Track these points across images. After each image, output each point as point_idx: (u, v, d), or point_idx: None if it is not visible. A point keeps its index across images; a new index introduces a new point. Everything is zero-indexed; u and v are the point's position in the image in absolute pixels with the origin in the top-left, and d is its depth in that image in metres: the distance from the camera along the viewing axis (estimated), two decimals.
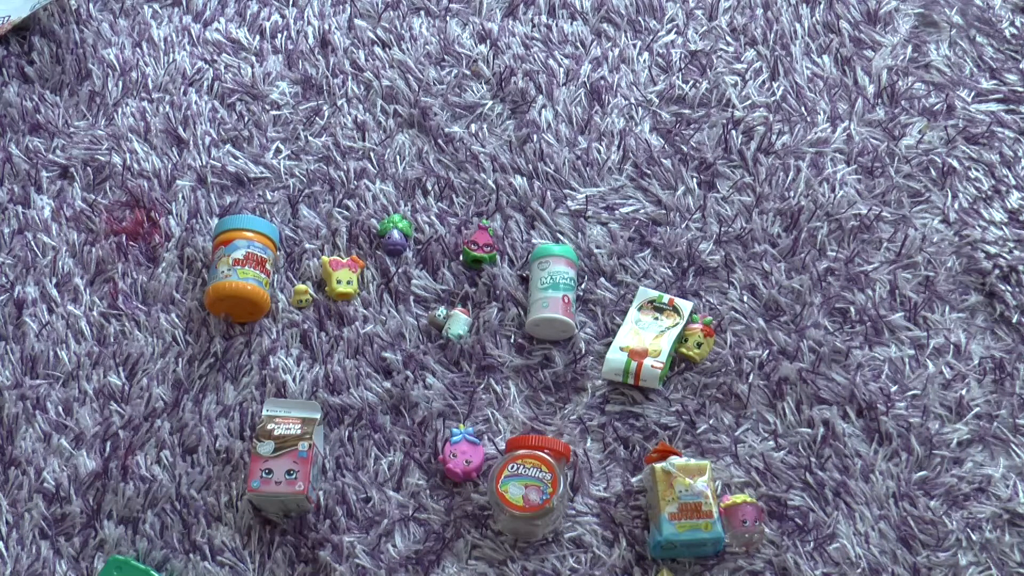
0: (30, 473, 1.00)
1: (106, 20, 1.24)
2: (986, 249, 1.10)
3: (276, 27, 1.23)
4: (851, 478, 1.00)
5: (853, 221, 1.11)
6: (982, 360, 1.05)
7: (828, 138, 1.16)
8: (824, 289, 1.08)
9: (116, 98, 1.19)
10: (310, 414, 0.99)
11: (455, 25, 1.23)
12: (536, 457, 0.96)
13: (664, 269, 1.09)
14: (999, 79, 1.20)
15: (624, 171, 1.15)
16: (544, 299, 1.04)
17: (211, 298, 1.04)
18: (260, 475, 0.95)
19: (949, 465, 1.00)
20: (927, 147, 1.16)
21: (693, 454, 1.01)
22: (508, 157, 1.15)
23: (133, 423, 1.02)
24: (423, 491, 1.00)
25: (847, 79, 1.20)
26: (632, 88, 1.19)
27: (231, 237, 1.05)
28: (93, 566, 0.97)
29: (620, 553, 0.97)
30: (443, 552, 0.97)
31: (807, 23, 1.23)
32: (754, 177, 1.14)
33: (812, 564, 0.96)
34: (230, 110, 1.18)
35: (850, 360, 1.05)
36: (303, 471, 0.95)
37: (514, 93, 1.19)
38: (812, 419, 1.02)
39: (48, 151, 1.15)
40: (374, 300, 1.08)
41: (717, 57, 1.21)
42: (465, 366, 1.05)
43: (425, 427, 1.02)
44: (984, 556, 0.97)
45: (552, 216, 1.12)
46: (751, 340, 1.06)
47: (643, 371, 1.02)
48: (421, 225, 1.11)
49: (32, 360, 1.05)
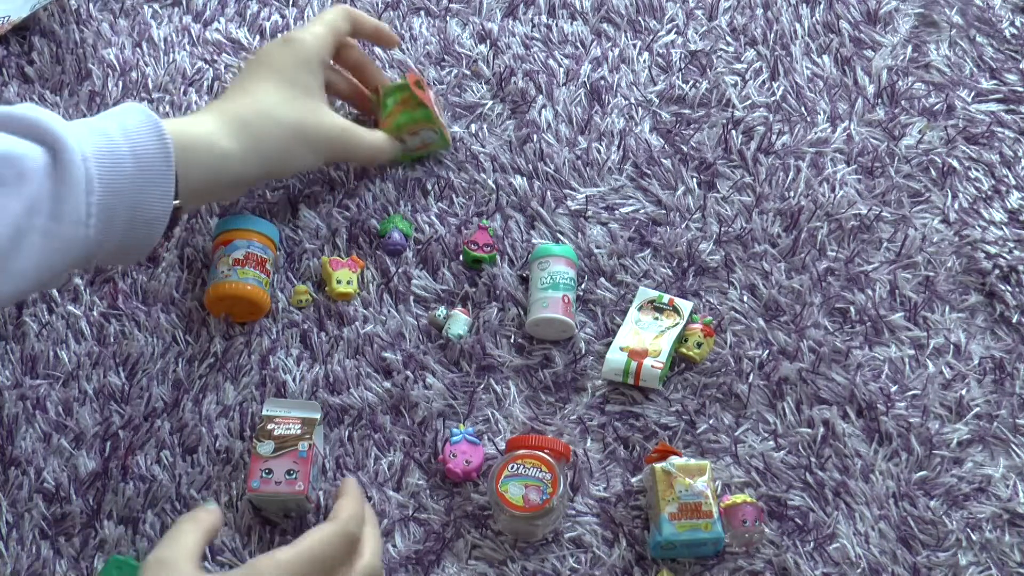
0: (30, 473, 1.00)
1: (106, 20, 1.24)
2: (986, 249, 1.10)
3: (276, 27, 1.24)
4: (851, 478, 1.00)
5: (853, 221, 1.11)
6: (982, 360, 1.05)
7: (828, 138, 1.16)
8: (824, 289, 1.08)
9: (116, 98, 1.19)
10: (310, 414, 0.99)
11: (455, 25, 1.23)
12: (536, 457, 0.96)
13: (664, 269, 1.09)
14: (999, 79, 1.20)
15: (624, 171, 1.15)
16: (544, 299, 1.04)
17: (211, 298, 1.04)
18: (260, 475, 0.95)
19: (949, 465, 1.00)
20: (927, 147, 1.16)
21: (693, 454, 1.01)
22: (508, 157, 1.15)
23: (133, 423, 1.02)
24: (423, 491, 1.00)
25: (847, 79, 1.20)
26: (632, 88, 1.19)
27: (231, 237, 1.05)
28: (93, 566, 0.97)
29: (620, 553, 0.97)
30: (443, 552, 0.97)
31: (807, 23, 1.23)
32: (754, 177, 1.14)
33: (812, 564, 0.96)
34: None
35: (850, 360, 1.05)
36: (303, 471, 0.95)
37: (514, 93, 1.19)
38: (812, 419, 1.02)
39: None
40: (374, 300, 1.08)
41: (717, 57, 1.21)
42: (465, 366, 1.05)
43: (425, 427, 1.02)
44: (984, 556, 0.97)
45: (552, 216, 1.12)
46: (751, 340, 1.06)
47: (643, 371, 1.02)
48: (421, 225, 1.11)
49: (32, 360, 1.05)
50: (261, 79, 0.98)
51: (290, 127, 0.97)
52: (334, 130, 1.01)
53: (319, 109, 1.00)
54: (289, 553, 0.81)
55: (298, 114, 0.98)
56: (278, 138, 0.96)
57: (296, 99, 0.98)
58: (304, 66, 0.99)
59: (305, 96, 0.99)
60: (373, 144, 1.06)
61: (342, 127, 1.02)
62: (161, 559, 0.80)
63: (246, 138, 0.93)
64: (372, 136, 1.06)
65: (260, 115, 0.96)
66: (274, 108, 0.97)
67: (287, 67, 0.98)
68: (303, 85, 0.99)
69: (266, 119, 0.96)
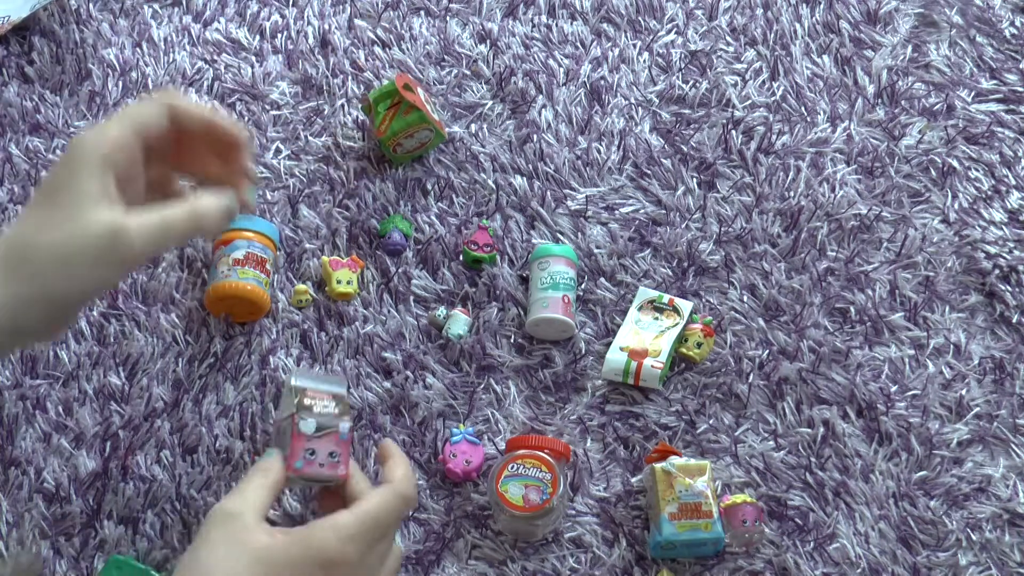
0: (30, 473, 1.00)
1: (106, 20, 1.24)
2: (986, 249, 1.10)
3: (276, 27, 1.24)
4: (851, 478, 1.00)
5: (853, 221, 1.11)
6: (982, 360, 1.05)
7: (828, 138, 1.16)
8: (824, 289, 1.08)
9: (116, 98, 1.19)
10: (338, 388, 0.91)
11: (455, 25, 1.23)
12: (536, 457, 0.96)
13: (664, 269, 1.09)
14: (999, 79, 1.20)
15: (624, 171, 1.15)
16: (544, 299, 1.04)
17: (211, 298, 1.04)
18: (303, 456, 0.86)
19: (949, 465, 1.00)
20: (927, 147, 1.16)
21: (693, 454, 1.01)
22: (508, 157, 1.15)
23: (133, 423, 1.02)
24: (423, 491, 1.00)
25: (847, 79, 1.20)
26: (632, 88, 1.19)
27: (231, 237, 1.05)
28: (93, 566, 0.97)
29: (620, 553, 0.97)
30: (443, 552, 0.97)
31: (807, 23, 1.23)
32: (754, 177, 1.14)
33: (812, 564, 0.96)
34: (230, 110, 1.18)
35: (850, 360, 1.05)
36: (344, 454, 0.88)
37: (514, 93, 1.19)
38: (812, 419, 1.02)
39: (48, 151, 1.15)
40: (374, 300, 1.08)
41: (717, 57, 1.21)
42: (465, 366, 1.05)
43: (425, 427, 1.02)
44: (984, 556, 0.97)
45: (552, 216, 1.12)
46: (751, 340, 1.06)
47: (643, 371, 1.02)
48: (421, 225, 1.11)
49: (32, 360, 1.05)
50: (29, 204, 0.79)
51: (53, 251, 0.76)
52: (103, 239, 0.76)
53: (87, 216, 0.77)
54: (349, 519, 0.79)
55: (61, 233, 0.76)
56: (43, 272, 0.76)
57: (55, 215, 0.77)
58: (73, 171, 0.77)
59: (71, 206, 0.76)
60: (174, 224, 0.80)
61: (111, 229, 0.76)
62: (228, 511, 0.78)
63: (9, 282, 0.75)
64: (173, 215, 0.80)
65: (16, 249, 0.76)
66: (33, 236, 0.77)
67: (51, 179, 0.78)
68: (69, 192, 0.77)
69: (24, 251, 0.76)
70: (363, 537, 0.79)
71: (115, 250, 0.77)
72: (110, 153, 0.79)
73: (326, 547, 0.77)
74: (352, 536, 0.78)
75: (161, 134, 0.81)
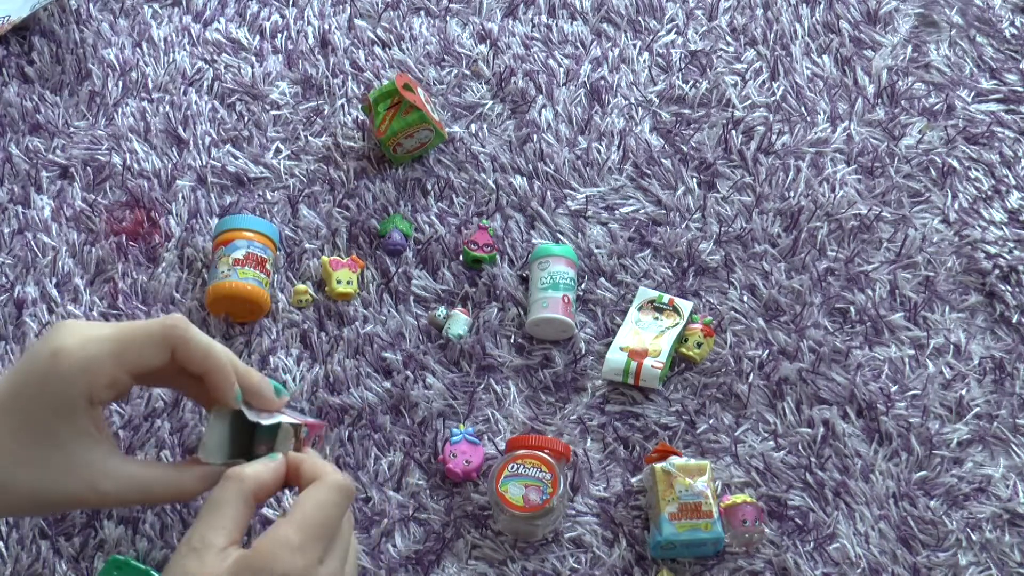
0: None
1: (106, 20, 1.24)
2: (986, 249, 1.10)
3: (276, 27, 1.24)
4: (851, 478, 1.00)
5: (853, 221, 1.11)
6: (982, 360, 1.05)
7: (828, 138, 1.16)
8: (824, 289, 1.08)
9: (116, 98, 1.19)
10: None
11: (455, 25, 1.23)
12: (536, 457, 0.96)
13: (664, 269, 1.09)
14: (999, 79, 1.20)
15: (624, 171, 1.15)
16: (544, 299, 1.04)
17: (211, 298, 1.04)
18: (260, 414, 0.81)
19: (949, 465, 1.00)
20: (927, 147, 1.16)
21: (693, 454, 1.01)
22: (508, 157, 1.15)
23: (133, 423, 1.02)
24: (423, 491, 1.00)
25: (847, 79, 1.20)
26: (632, 88, 1.19)
27: (231, 237, 1.05)
28: (93, 566, 0.97)
29: (620, 553, 0.97)
30: (443, 552, 0.97)
31: (807, 23, 1.23)
32: (754, 177, 1.14)
33: (812, 564, 0.96)
34: (230, 110, 1.18)
35: (850, 360, 1.05)
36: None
37: (514, 93, 1.19)
38: (812, 419, 1.02)
39: (48, 151, 1.15)
40: (374, 300, 1.08)
41: (717, 57, 1.21)
42: (465, 366, 1.05)
43: (425, 427, 1.02)
44: (984, 556, 0.97)
45: (552, 216, 1.12)
46: (751, 340, 1.06)
47: (643, 371, 1.02)
48: (421, 225, 1.11)
49: None
50: (6, 422, 0.74)
51: (31, 489, 0.74)
52: (79, 491, 0.75)
53: (67, 461, 0.75)
54: (291, 528, 0.71)
55: (39, 474, 0.74)
56: (19, 505, 0.76)
57: (34, 455, 0.74)
58: (56, 409, 0.74)
59: (52, 447, 0.74)
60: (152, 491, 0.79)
61: (89, 483, 0.75)
62: (192, 545, 0.70)
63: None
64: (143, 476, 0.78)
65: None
66: (11, 470, 0.74)
67: (33, 405, 0.74)
68: (47, 432, 0.74)
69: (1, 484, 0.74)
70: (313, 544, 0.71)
71: (88, 500, 0.77)
72: (97, 392, 0.75)
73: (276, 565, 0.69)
74: (303, 545, 0.71)
75: (161, 367, 0.78)
